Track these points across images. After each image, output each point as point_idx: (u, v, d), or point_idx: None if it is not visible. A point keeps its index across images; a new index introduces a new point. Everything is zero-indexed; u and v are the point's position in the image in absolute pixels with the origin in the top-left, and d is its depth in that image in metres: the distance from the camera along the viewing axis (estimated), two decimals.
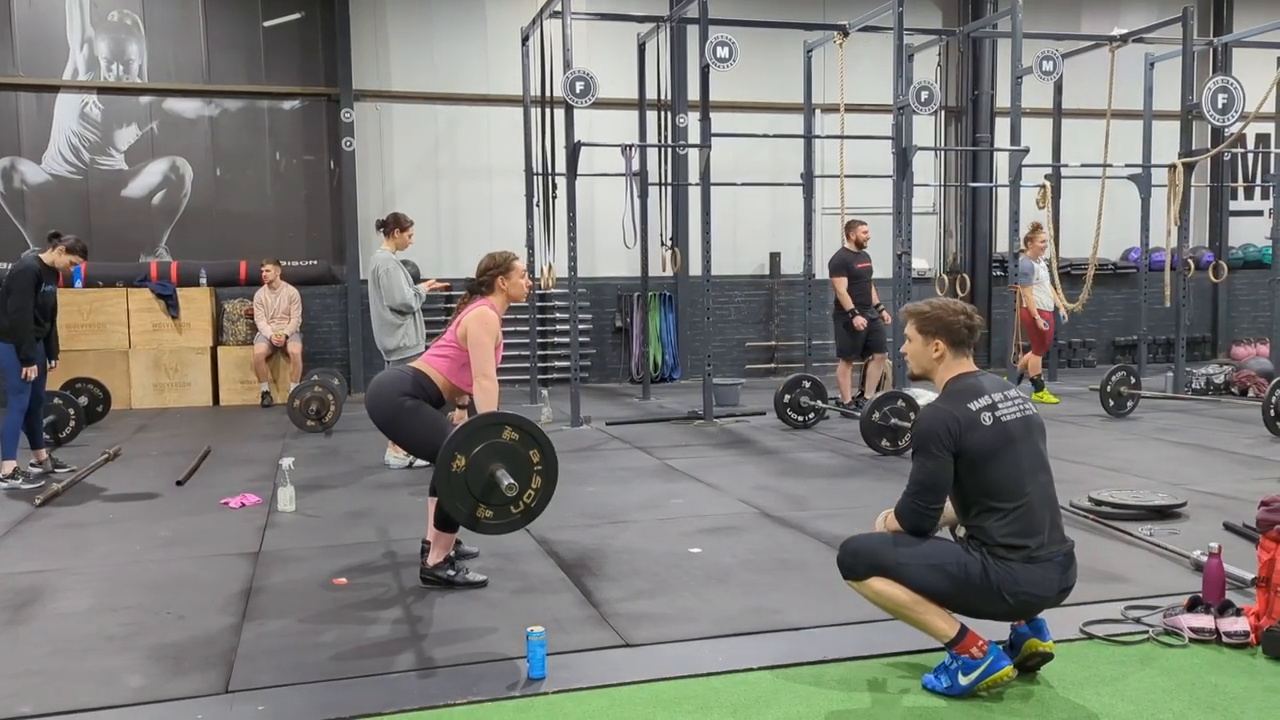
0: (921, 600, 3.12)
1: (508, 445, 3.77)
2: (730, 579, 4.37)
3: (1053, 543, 3.15)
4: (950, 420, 3.11)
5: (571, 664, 3.42)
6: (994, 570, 3.08)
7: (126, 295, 10.79)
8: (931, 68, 11.97)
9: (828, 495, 6.05)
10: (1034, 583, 3.10)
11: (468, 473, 3.72)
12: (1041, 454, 3.22)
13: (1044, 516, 3.15)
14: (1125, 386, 9.11)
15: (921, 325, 3.28)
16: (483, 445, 3.73)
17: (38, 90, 11.08)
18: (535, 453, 3.82)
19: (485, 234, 12.26)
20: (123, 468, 7.28)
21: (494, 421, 3.80)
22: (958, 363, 3.27)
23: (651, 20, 10.54)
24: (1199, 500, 5.63)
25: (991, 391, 3.18)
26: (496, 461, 3.74)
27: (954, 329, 3.23)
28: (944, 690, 3.14)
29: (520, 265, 4.62)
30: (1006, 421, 3.14)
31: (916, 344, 3.30)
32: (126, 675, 3.38)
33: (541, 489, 3.87)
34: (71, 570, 4.66)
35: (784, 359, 13.07)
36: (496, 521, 3.82)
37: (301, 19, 11.69)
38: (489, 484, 3.74)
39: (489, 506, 3.77)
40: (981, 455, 3.09)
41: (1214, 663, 3.37)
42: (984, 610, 3.15)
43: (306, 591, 4.29)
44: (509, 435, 3.79)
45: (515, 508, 3.81)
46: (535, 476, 3.83)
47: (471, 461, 3.71)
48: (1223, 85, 9.70)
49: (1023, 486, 3.12)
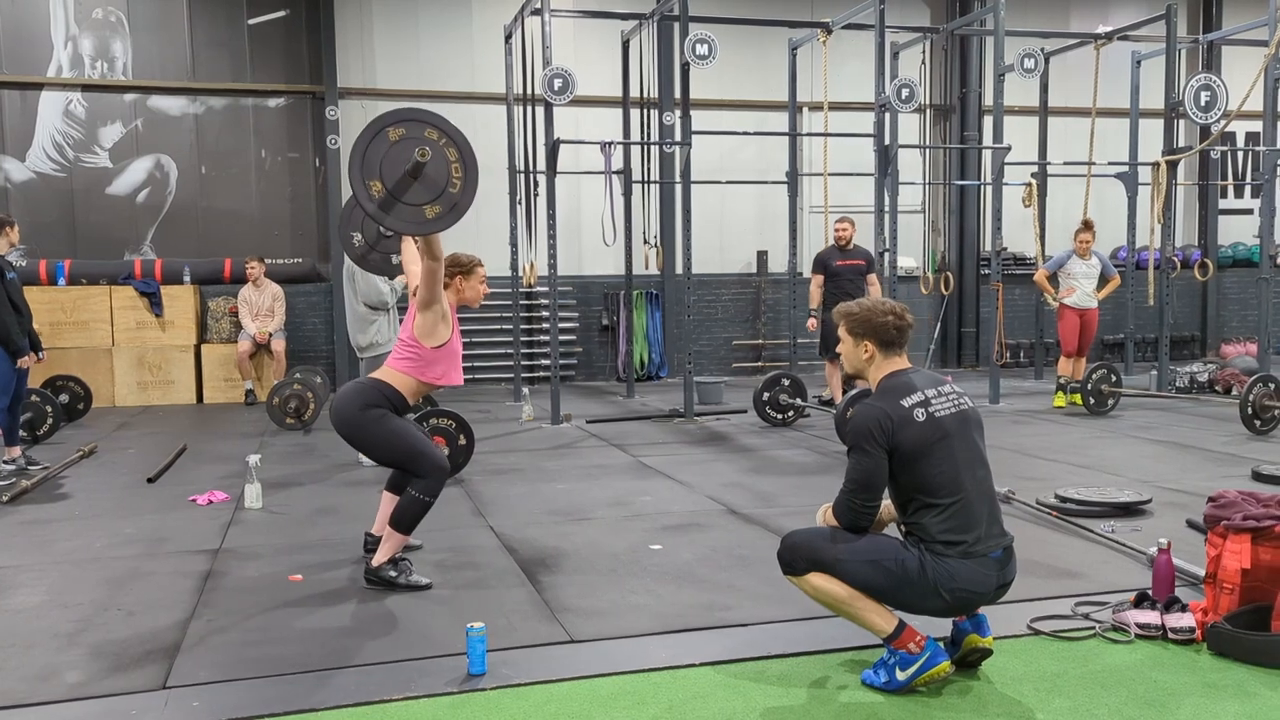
0: (859, 596, 3.12)
1: (436, 148, 3.86)
2: (686, 575, 4.36)
3: (990, 537, 3.14)
4: (883, 417, 3.10)
5: (514, 660, 3.41)
6: (931, 567, 3.07)
7: (110, 293, 10.78)
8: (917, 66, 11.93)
9: (796, 492, 6.03)
10: (971, 579, 3.09)
11: (383, 171, 3.78)
12: (978, 448, 3.21)
13: (981, 511, 3.14)
14: (1106, 385, 9.09)
15: (850, 327, 3.29)
16: (390, 147, 3.79)
17: (21, 88, 11.09)
18: (436, 133, 3.89)
19: (471, 232, 12.18)
20: (96, 465, 7.27)
21: (390, 122, 3.83)
22: (889, 362, 3.27)
23: (634, 18, 10.52)
24: (1166, 497, 5.62)
25: (925, 388, 3.18)
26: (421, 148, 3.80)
27: (882, 329, 3.24)
28: (882, 685, 3.13)
29: (482, 272, 4.59)
30: (940, 417, 3.13)
31: (848, 345, 3.31)
32: (66, 671, 3.37)
33: (465, 179, 3.94)
34: (29, 567, 4.65)
35: (771, 357, 13.06)
36: (425, 221, 3.89)
37: (286, 16, 11.70)
38: (403, 181, 3.80)
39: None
40: (915, 451, 3.08)
41: (1157, 659, 3.36)
42: (922, 606, 3.14)
43: (259, 589, 4.28)
44: (405, 135, 3.83)
45: (441, 200, 3.88)
46: (453, 165, 3.90)
47: (386, 167, 3.78)
48: (1205, 83, 9.67)
49: (959, 482, 3.10)
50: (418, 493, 4.15)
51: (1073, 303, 9.56)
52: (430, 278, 4.14)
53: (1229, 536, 3.48)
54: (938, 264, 13.44)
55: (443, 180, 3.91)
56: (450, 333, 4.36)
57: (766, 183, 11.95)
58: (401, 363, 4.32)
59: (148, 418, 9.91)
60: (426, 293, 4.20)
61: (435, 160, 3.87)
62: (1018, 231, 12.66)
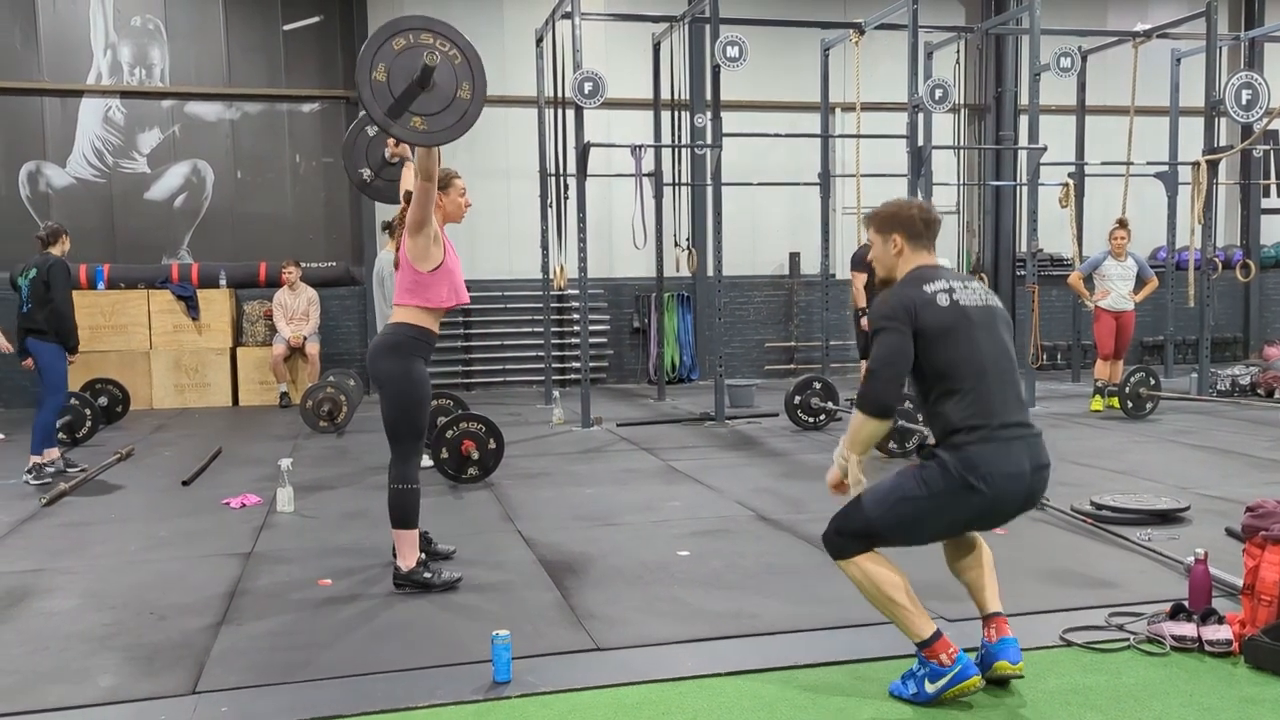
0: (901, 590, 3.05)
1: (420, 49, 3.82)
2: (713, 582, 4.34)
3: (1015, 424, 3.07)
4: (906, 299, 3.09)
5: (539, 667, 3.41)
6: (952, 463, 3.01)
7: (148, 297, 10.93)
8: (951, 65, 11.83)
9: (826, 498, 5.89)
10: (999, 460, 3.00)
11: (390, 83, 3.77)
12: (1004, 342, 3.15)
13: (1005, 397, 3.08)
14: (1144, 388, 8.95)
15: (878, 225, 3.27)
16: (397, 57, 3.78)
17: (62, 95, 11.26)
18: (443, 44, 3.86)
19: (503, 236, 12.32)
20: (133, 468, 7.36)
21: (389, 34, 3.84)
22: (917, 255, 3.23)
23: (665, 20, 10.51)
24: (1205, 504, 5.52)
25: (950, 279, 3.16)
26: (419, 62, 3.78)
27: (909, 222, 3.22)
28: (910, 697, 3.09)
29: (460, 182, 4.48)
30: (965, 305, 3.10)
31: (877, 246, 3.28)
32: (99, 675, 3.41)
33: (474, 87, 3.90)
34: (65, 570, 4.72)
35: (803, 360, 12.99)
36: (434, 130, 3.87)
37: (320, 22, 11.80)
38: (417, 83, 3.77)
39: (420, 116, 3.82)
40: (938, 333, 3.04)
41: (1193, 671, 3.30)
42: (966, 514, 3.06)
43: (290, 593, 4.31)
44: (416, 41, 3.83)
45: (450, 109, 3.86)
46: (459, 69, 3.87)
47: (393, 68, 3.77)
48: (1247, 81, 9.51)
49: (981, 367, 3.05)
50: (398, 484, 4.22)
51: (1108, 305, 9.40)
52: (423, 197, 4.09)
53: (1268, 547, 3.40)
54: (972, 265, 13.30)
55: (451, 90, 3.87)
56: (443, 254, 4.31)
57: (798, 184, 11.88)
58: (406, 295, 4.29)
59: (184, 420, 10.03)
60: (417, 213, 4.13)
61: (443, 69, 3.83)
62: (1054, 232, 12.52)
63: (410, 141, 4.02)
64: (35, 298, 6.83)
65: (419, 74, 3.77)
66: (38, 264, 6.88)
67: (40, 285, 6.81)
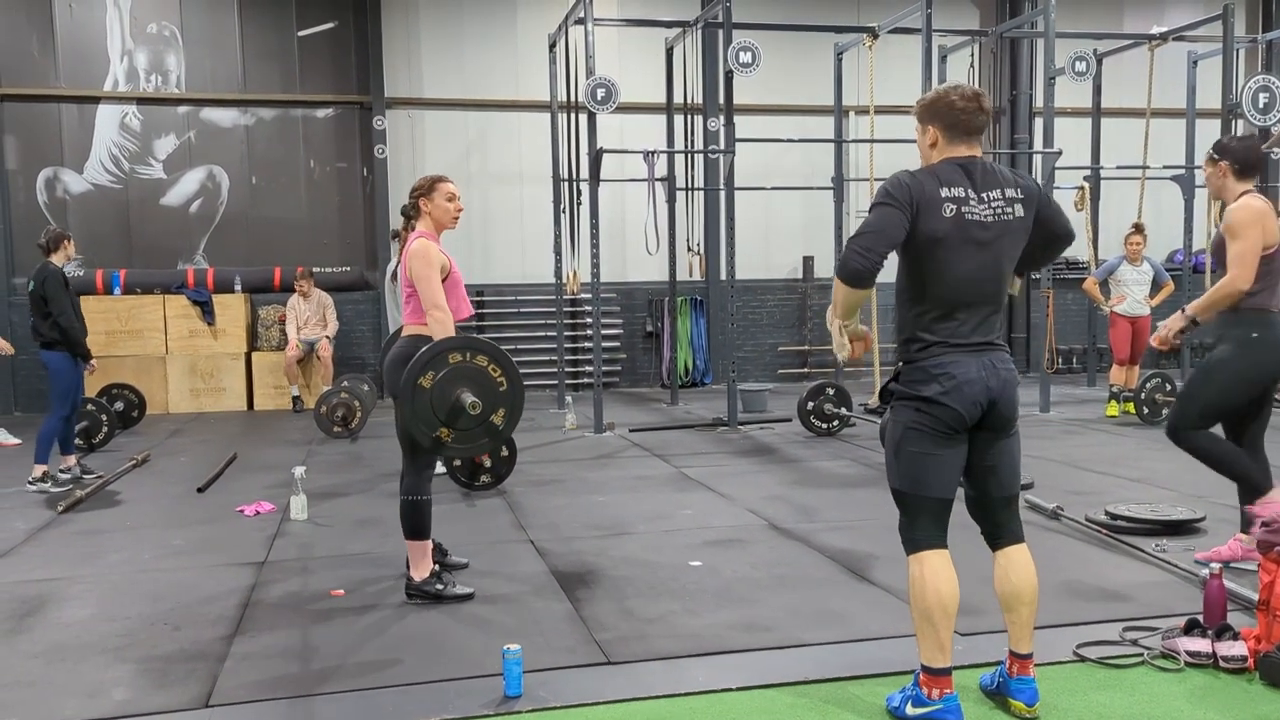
0: (940, 613, 2.96)
1: (471, 368, 3.96)
2: (725, 594, 4.33)
3: (971, 344, 2.98)
4: (916, 188, 2.91)
5: (551, 681, 3.41)
6: (904, 387, 3.00)
7: (164, 302, 11.00)
8: (966, 69, 11.77)
9: (839, 506, 5.98)
10: (947, 366, 2.94)
11: (432, 393, 3.91)
12: (998, 267, 2.99)
13: (973, 321, 2.99)
14: (1160, 394, 8.89)
15: (918, 114, 3.04)
16: (446, 370, 3.93)
17: (79, 101, 11.34)
18: (495, 369, 4.00)
19: (516, 240, 12.35)
20: (149, 474, 7.41)
21: (448, 348, 3.96)
22: (953, 149, 2.99)
23: (678, 25, 10.50)
24: (1221, 514, 5.47)
25: (969, 188, 2.93)
26: (461, 385, 3.92)
27: (946, 111, 2.97)
28: (892, 710, 3.09)
29: (447, 187, 4.35)
30: (971, 219, 2.92)
31: (919, 139, 3.06)
32: (113, 688, 3.43)
33: (509, 410, 4.05)
34: (80, 579, 4.75)
35: (817, 363, 12.96)
36: (460, 444, 4.06)
37: (335, 28, 11.84)
38: (455, 408, 3.92)
39: (452, 430, 3.98)
40: (929, 243, 2.92)
41: (1207, 688, 3.27)
42: (945, 440, 2.96)
43: (302, 604, 4.33)
44: (470, 360, 3.97)
45: (481, 428, 4.03)
46: (501, 397, 4.02)
47: (436, 385, 3.91)
48: (1264, 84, 9.43)
49: (957, 290, 2.95)
50: (409, 495, 4.25)
51: (1123, 310, 9.34)
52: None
53: None
54: None
55: (489, 409, 4.03)
56: (449, 269, 4.32)
57: (812, 189, 11.85)
58: (418, 314, 4.30)
59: (199, 424, 10.08)
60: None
61: (483, 389, 3.99)
62: None
63: (429, 448, 4.13)
64: (36, 311, 6.79)
65: (454, 402, 3.94)
66: (35, 276, 6.83)
67: (39, 299, 6.75)
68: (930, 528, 3.03)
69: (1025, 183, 3.04)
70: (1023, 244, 3.05)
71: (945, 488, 3.02)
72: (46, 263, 6.84)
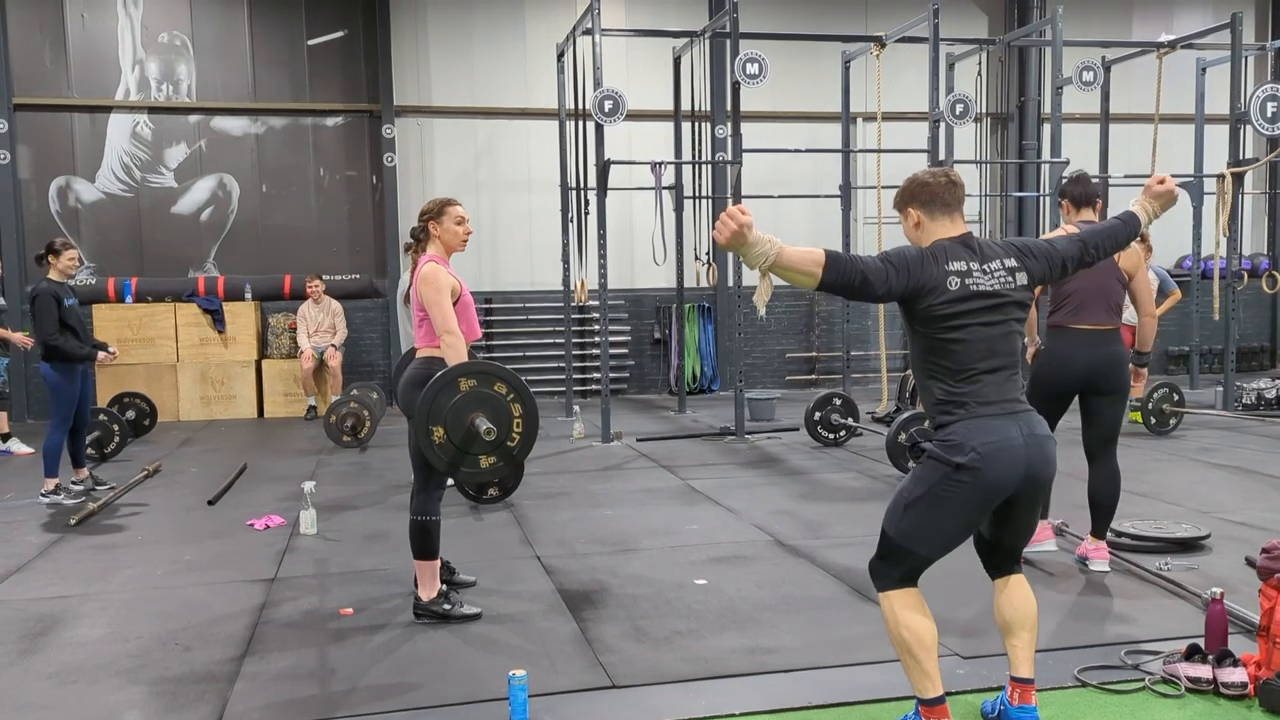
0: (923, 648, 2.99)
1: (484, 394, 4.00)
2: (729, 614, 4.37)
3: (1002, 402, 2.99)
4: (917, 268, 2.94)
5: (555, 706, 3.45)
6: (939, 449, 2.96)
7: (175, 310, 11.09)
8: (973, 76, 11.78)
9: (846, 521, 6.00)
10: (984, 433, 2.93)
11: (448, 420, 3.95)
12: (1008, 328, 3.01)
13: (997, 381, 2.99)
14: (1168, 404, 8.89)
15: (897, 205, 3.13)
16: (459, 398, 3.96)
17: (91, 111, 11.43)
18: (503, 387, 4.04)
19: (525, 248, 12.40)
20: (160, 485, 7.47)
21: (461, 373, 4.00)
22: (938, 226, 3.05)
23: (686, 35, 10.53)
24: (1226, 531, 5.49)
25: (970, 259, 2.99)
26: (474, 410, 3.96)
27: (920, 190, 3.05)
28: None
29: (456, 210, 4.39)
30: (976, 290, 2.96)
31: (904, 227, 3.13)
32: (126, 711, 3.48)
33: (524, 432, 4.08)
34: (93, 596, 4.81)
35: (824, 370, 12.99)
36: (479, 470, 4.09)
37: (344, 37, 11.90)
38: (469, 434, 3.95)
39: (471, 456, 4.02)
40: (940, 317, 2.95)
41: (1208, 715, 3.30)
42: (972, 504, 2.95)
43: (311, 624, 4.37)
44: (476, 386, 4.01)
45: (498, 453, 4.06)
46: (515, 420, 4.05)
47: (450, 416, 3.94)
48: (1272, 93, 9.43)
49: (976, 353, 2.97)
50: (418, 515, 4.29)
51: (1128, 320, 9.31)
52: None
53: None
54: None
55: (504, 433, 4.05)
56: (460, 293, 4.37)
57: (819, 196, 11.87)
58: (430, 337, 4.36)
59: (210, 433, 10.15)
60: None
61: (497, 413, 4.03)
62: None
63: (452, 476, 4.22)
64: (32, 326, 6.80)
65: (468, 428, 3.98)
66: (29, 292, 6.83)
67: (31, 315, 6.76)
68: (904, 576, 3.07)
69: (1016, 250, 3.11)
70: (1028, 311, 3.11)
71: (939, 551, 3.05)
72: (41, 279, 6.80)
